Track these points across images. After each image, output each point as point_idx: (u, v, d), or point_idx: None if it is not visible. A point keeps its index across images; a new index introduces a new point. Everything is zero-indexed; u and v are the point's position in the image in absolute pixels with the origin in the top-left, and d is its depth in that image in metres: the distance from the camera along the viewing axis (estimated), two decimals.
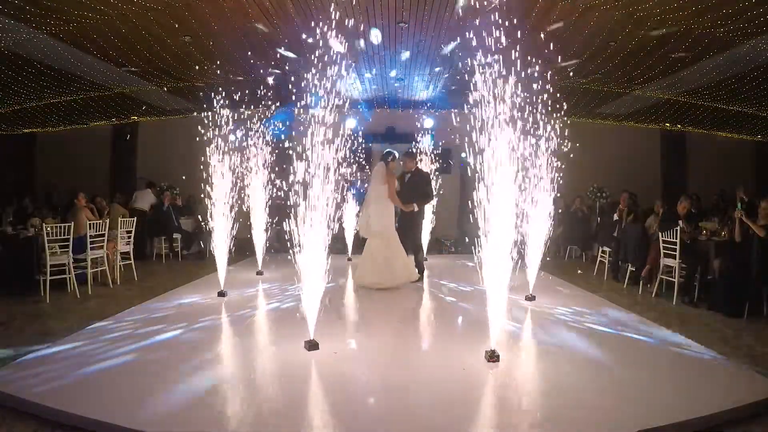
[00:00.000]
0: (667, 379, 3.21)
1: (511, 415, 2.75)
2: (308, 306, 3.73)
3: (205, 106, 5.89)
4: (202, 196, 5.74)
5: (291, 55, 6.43)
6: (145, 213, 8.91)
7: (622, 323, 4.56)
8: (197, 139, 5.66)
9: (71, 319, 4.64)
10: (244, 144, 6.53)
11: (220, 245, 5.63)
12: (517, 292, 5.24)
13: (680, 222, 5.69)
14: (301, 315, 3.78)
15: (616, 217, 7.25)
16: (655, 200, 7.16)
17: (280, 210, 6.37)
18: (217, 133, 5.63)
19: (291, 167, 3.73)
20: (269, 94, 6.89)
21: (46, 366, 3.30)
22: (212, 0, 5.10)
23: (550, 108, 4.64)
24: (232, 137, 5.88)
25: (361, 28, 5.83)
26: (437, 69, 7.66)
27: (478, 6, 3.66)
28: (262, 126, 6.71)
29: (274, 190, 6.64)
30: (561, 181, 5.49)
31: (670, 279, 5.61)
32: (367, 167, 9.38)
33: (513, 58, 3.52)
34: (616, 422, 2.63)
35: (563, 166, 5.46)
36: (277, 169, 6.59)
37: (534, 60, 4.03)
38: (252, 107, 6.81)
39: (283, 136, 6.79)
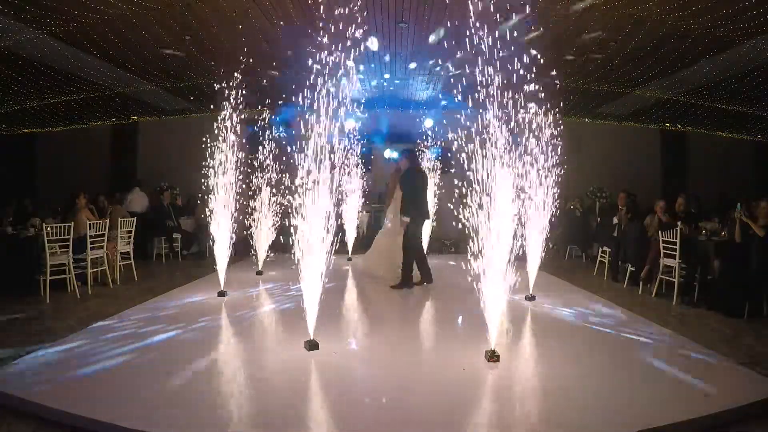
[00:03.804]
0: (667, 379, 3.21)
1: (511, 415, 2.75)
2: (308, 306, 3.73)
3: (205, 106, 5.88)
4: (201, 195, 5.71)
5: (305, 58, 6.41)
6: (143, 215, 8.82)
7: (621, 323, 4.56)
8: (205, 138, 5.62)
9: (71, 319, 4.64)
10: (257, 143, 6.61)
11: (221, 245, 5.63)
12: (517, 292, 5.23)
13: (678, 223, 5.68)
14: (299, 314, 3.78)
15: (615, 220, 7.23)
16: (656, 200, 7.14)
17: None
18: (222, 132, 5.60)
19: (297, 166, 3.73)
20: (269, 94, 6.90)
21: (46, 366, 3.30)
22: (212, 0, 5.11)
23: (549, 108, 4.64)
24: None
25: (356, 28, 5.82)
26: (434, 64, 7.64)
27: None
28: (270, 126, 6.73)
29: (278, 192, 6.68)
30: (559, 183, 5.49)
31: (670, 279, 5.60)
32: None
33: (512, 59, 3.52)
34: (616, 422, 2.63)
35: (563, 167, 5.47)
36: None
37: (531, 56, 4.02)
38: (257, 107, 6.82)
39: (286, 135, 6.81)
